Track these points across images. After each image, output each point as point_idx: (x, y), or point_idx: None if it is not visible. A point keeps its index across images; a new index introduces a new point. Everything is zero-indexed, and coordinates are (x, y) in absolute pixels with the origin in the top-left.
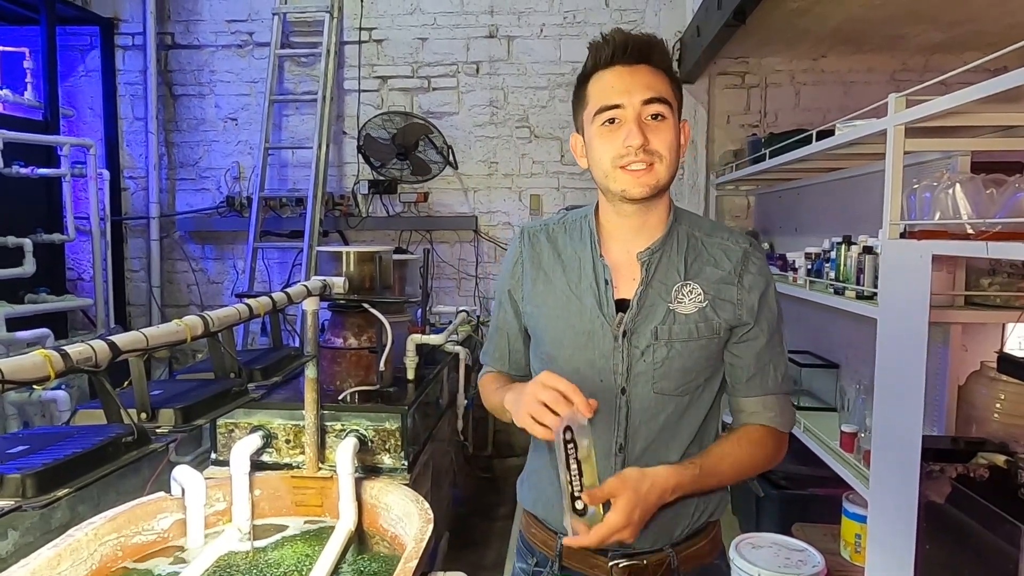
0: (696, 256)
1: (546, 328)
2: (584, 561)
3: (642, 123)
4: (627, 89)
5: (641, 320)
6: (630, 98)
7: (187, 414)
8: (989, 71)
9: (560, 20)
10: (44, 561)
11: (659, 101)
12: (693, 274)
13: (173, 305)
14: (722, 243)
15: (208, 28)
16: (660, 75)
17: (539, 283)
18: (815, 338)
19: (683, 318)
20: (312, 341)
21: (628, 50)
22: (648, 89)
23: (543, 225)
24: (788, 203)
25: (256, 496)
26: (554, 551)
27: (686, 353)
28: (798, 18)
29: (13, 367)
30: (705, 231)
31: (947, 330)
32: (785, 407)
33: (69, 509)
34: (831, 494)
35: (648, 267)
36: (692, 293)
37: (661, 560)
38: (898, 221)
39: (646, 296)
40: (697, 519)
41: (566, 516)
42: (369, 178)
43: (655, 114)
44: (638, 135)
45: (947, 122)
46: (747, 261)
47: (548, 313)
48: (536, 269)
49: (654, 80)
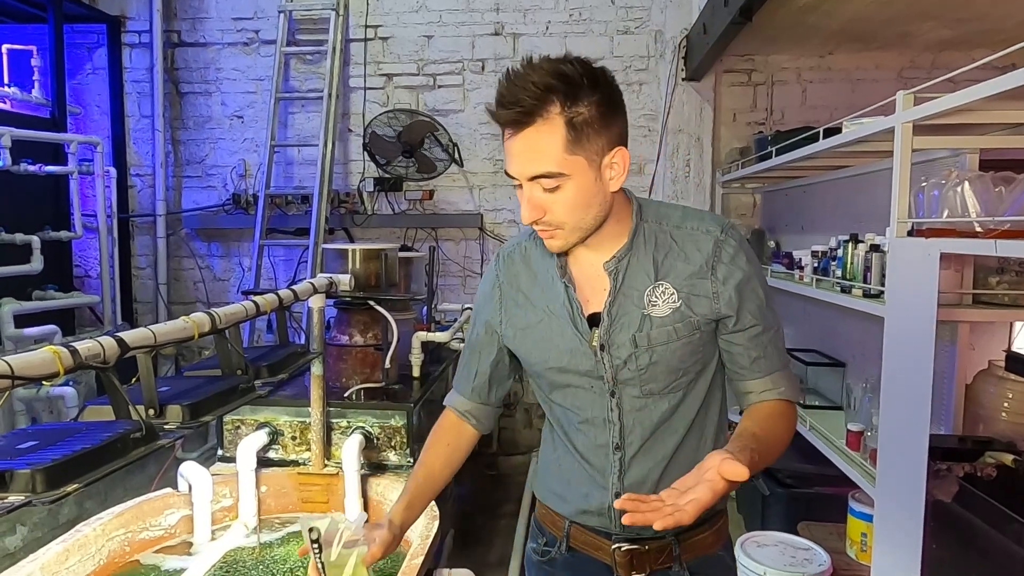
0: (666, 252)
1: (531, 349)
2: (589, 543)
3: (534, 197)
4: (514, 162)
5: (616, 331)
6: (519, 171)
7: (194, 410)
8: (997, 68)
9: (566, 17)
10: (53, 556)
11: (544, 177)
12: (664, 273)
13: (180, 302)
14: (692, 233)
15: (214, 26)
16: (551, 134)
17: (520, 306)
18: (822, 336)
19: (659, 321)
20: (318, 338)
21: (502, 119)
22: (531, 164)
23: (516, 244)
24: (795, 201)
25: (262, 492)
26: (562, 531)
27: (668, 355)
28: (805, 15)
29: (22, 363)
30: (674, 222)
31: (955, 329)
32: (790, 379)
33: (77, 505)
34: (837, 493)
35: (616, 275)
36: (665, 294)
37: (663, 547)
38: (906, 219)
39: (617, 306)
40: None
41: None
42: (375, 176)
43: (547, 188)
44: (528, 212)
45: (955, 119)
46: (719, 251)
47: (531, 336)
48: (515, 291)
49: (538, 149)
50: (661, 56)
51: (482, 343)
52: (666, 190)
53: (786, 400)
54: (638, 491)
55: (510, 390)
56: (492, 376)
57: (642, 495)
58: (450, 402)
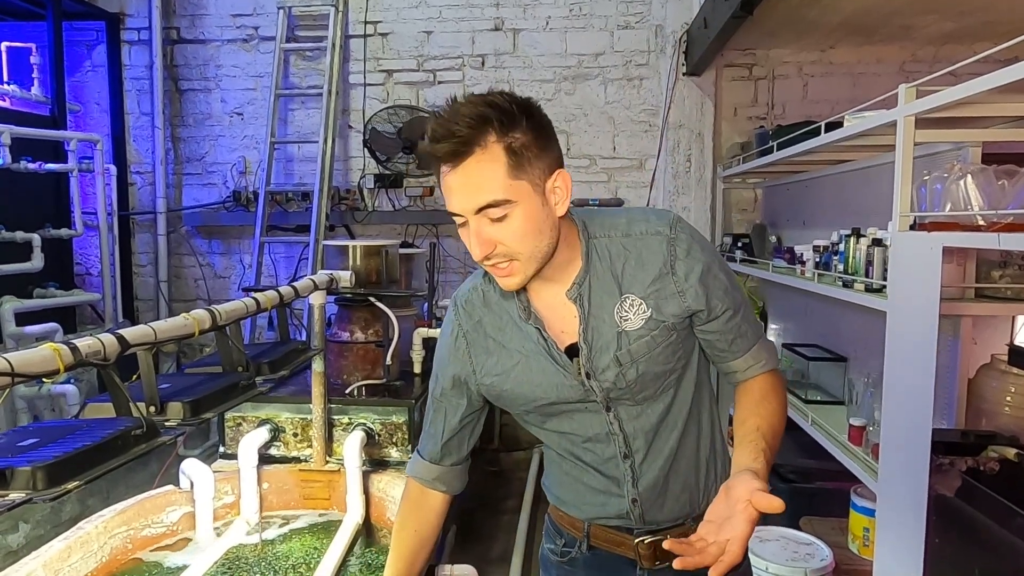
0: (624, 262)
1: (514, 391)
2: (611, 540)
3: (482, 230)
4: (456, 199)
5: (597, 356)
6: (462, 207)
7: (195, 407)
8: (1000, 61)
9: (566, 12)
10: (55, 553)
11: (490, 206)
12: (627, 286)
13: (180, 299)
14: (642, 238)
15: (213, 22)
16: (491, 162)
17: (492, 351)
18: (823, 331)
19: (635, 335)
20: (319, 335)
21: (438, 155)
22: (474, 196)
23: (472, 289)
24: (796, 196)
25: (264, 489)
26: (582, 532)
27: (652, 362)
28: (806, 9)
29: (23, 361)
30: (622, 231)
31: (957, 323)
32: (769, 348)
33: (79, 502)
34: (839, 488)
35: (581, 301)
36: (634, 306)
37: (684, 533)
38: (908, 213)
39: (590, 331)
40: (712, 488)
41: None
42: (375, 172)
43: (495, 218)
44: (479, 248)
45: (957, 113)
46: (673, 249)
47: (511, 377)
48: (484, 337)
49: (481, 180)
50: (662, 51)
51: (448, 398)
52: (667, 185)
53: (769, 371)
54: (652, 490)
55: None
56: (462, 431)
57: (686, 539)
58: (413, 472)
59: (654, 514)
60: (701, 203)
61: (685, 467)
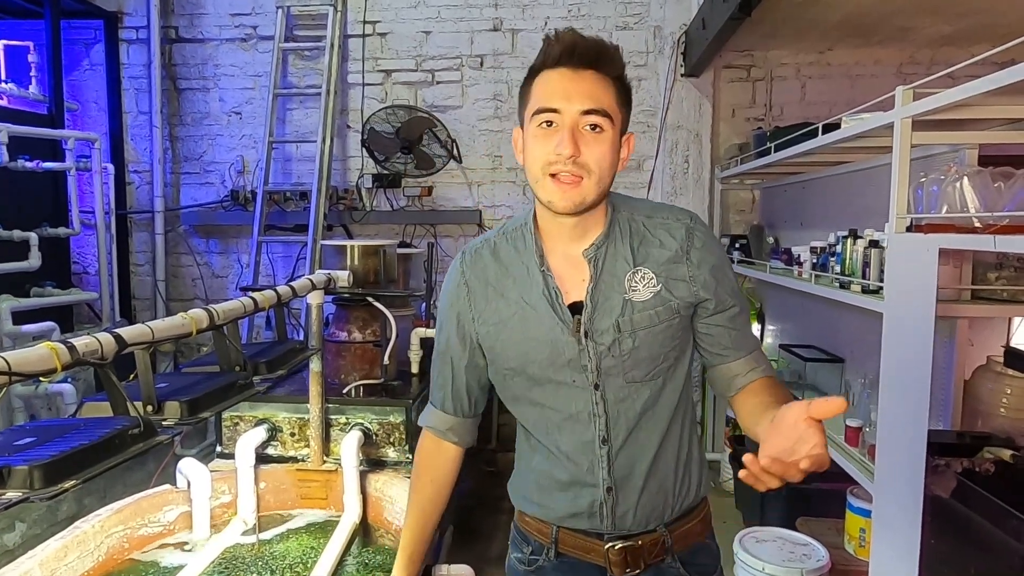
0: (641, 240)
1: (507, 343)
2: (580, 546)
3: (577, 133)
4: (567, 95)
5: (599, 317)
6: (569, 104)
7: (193, 407)
8: (997, 64)
9: (565, 13)
10: (51, 552)
11: (598, 113)
12: (641, 259)
13: (178, 299)
14: (664, 223)
15: (212, 22)
16: (607, 84)
17: (491, 300)
18: (820, 332)
19: (640, 305)
20: (317, 335)
21: (575, 53)
22: (589, 99)
23: (484, 241)
24: (793, 197)
25: (261, 489)
26: (549, 538)
27: (651, 339)
28: (804, 10)
29: (20, 360)
30: (645, 213)
31: (953, 324)
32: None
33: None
34: (835, 488)
35: (596, 263)
36: (645, 279)
37: (655, 540)
38: (905, 215)
39: (599, 292)
40: (685, 495)
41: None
42: (373, 172)
43: (593, 125)
44: (569, 144)
45: (955, 115)
46: (691, 237)
47: (509, 328)
48: (484, 286)
49: (598, 89)
50: (660, 52)
51: (454, 349)
52: (665, 186)
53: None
54: (627, 483)
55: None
56: (469, 382)
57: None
58: (426, 421)
59: (626, 512)
60: (699, 204)
61: (663, 468)
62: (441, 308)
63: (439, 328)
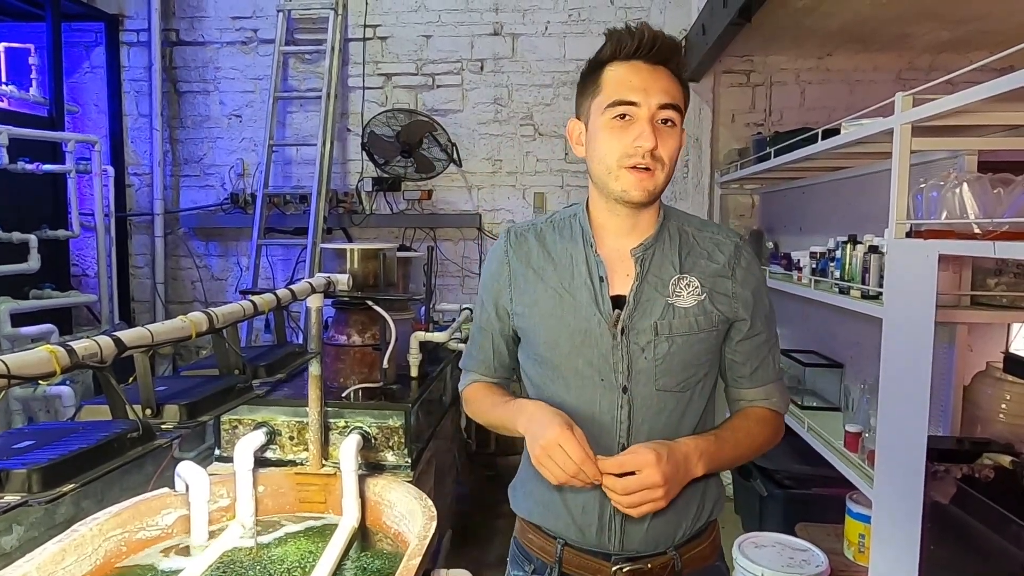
0: (689, 250)
1: (539, 328)
2: (586, 567)
3: (654, 126)
4: (646, 88)
5: (639, 316)
6: (647, 98)
7: (192, 410)
8: (996, 70)
9: (565, 18)
10: (49, 556)
11: (673, 108)
12: (688, 268)
13: (177, 302)
14: (713, 237)
15: (213, 25)
16: (676, 81)
17: (530, 282)
18: (820, 338)
19: (682, 312)
20: (316, 338)
21: (654, 48)
22: (665, 94)
23: (531, 225)
24: (793, 202)
25: (260, 493)
26: (553, 557)
27: (687, 347)
28: (804, 16)
29: (18, 362)
30: (695, 226)
31: (953, 330)
32: (783, 392)
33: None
34: (835, 494)
35: (642, 262)
36: (690, 286)
37: (665, 563)
38: (904, 220)
39: (642, 291)
40: (698, 518)
41: None
42: (373, 175)
43: (667, 119)
44: (651, 137)
45: (954, 121)
46: (739, 255)
47: (542, 312)
48: (526, 267)
49: (671, 85)
50: None
51: (492, 324)
52: (664, 191)
53: (775, 410)
54: None
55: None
56: (510, 354)
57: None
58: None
59: (636, 530)
60: (699, 209)
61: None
62: (482, 283)
63: (479, 303)
